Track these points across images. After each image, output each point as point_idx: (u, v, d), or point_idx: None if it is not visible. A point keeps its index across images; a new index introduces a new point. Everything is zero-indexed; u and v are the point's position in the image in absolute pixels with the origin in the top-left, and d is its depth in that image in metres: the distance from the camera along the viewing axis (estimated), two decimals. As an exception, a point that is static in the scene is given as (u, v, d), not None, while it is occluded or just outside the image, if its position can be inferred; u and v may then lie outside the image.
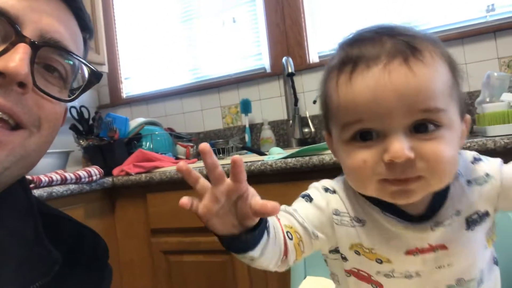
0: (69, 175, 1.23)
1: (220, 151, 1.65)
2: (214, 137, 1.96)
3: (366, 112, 0.43)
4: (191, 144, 1.81)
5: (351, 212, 0.51)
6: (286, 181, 1.17)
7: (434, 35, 0.48)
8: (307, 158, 1.13)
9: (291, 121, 1.74)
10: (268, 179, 1.19)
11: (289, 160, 1.15)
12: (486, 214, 0.49)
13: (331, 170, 1.11)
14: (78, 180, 1.25)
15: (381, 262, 0.49)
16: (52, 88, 0.44)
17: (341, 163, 0.49)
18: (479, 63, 1.53)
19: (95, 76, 0.49)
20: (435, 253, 0.48)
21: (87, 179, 1.28)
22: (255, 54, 1.94)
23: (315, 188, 0.55)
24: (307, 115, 1.74)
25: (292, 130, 1.72)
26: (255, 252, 0.44)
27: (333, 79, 0.46)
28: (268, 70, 1.88)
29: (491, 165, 0.50)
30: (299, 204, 0.53)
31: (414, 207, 0.49)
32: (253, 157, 1.40)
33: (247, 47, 1.95)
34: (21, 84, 0.39)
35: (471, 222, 0.48)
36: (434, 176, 0.42)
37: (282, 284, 1.18)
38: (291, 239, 0.49)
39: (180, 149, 1.77)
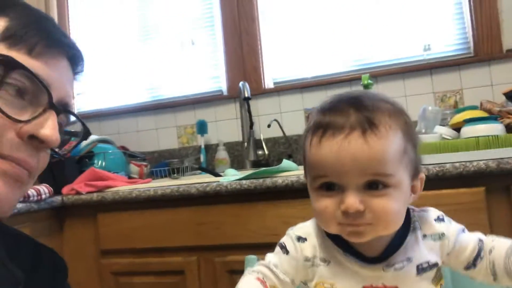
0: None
1: (174, 171, 1.66)
2: (168, 157, 1.96)
3: (330, 170, 0.53)
4: (145, 164, 1.80)
5: (319, 254, 0.59)
6: (241, 202, 1.21)
7: (399, 104, 0.58)
8: (261, 180, 1.18)
9: (246, 143, 1.79)
10: (223, 200, 1.22)
11: (243, 181, 1.19)
12: (435, 264, 0.58)
13: (284, 193, 1.16)
14: (26, 198, 1.20)
15: None
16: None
17: (312, 206, 0.58)
18: (417, 96, 1.69)
19: (86, 134, 0.56)
20: None
21: (36, 198, 1.24)
22: (212, 76, 2.00)
23: (290, 239, 0.62)
24: (262, 138, 1.81)
25: (247, 152, 1.77)
26: None
27: (308, 139, 0.57)
28: (225, 93, 1.94)
29: (451, 228, 0.59)
30: (278, 258, 0.60)
31: (371, 250, 0.57)
32: (208, 178, 1.42)
33: (205, 69, 2.00)
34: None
35: (421, 269, 0.56)
36: (380, 224, 0.53)
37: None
38: None
39: (134, 168, 1.75)
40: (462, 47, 1.70)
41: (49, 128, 0.43)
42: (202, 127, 1.88)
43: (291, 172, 1.26)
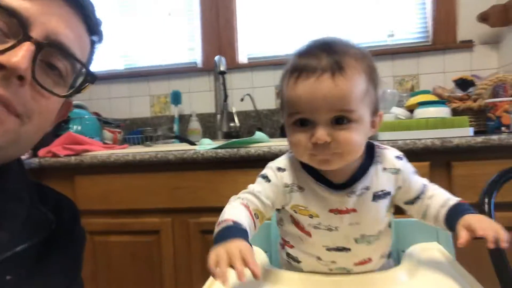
0: None
1: (147, 139, 1.71)
2: (141, 125, 2.00)
3: (304, 107, 0.62)
4: (119, 130, 1.84)
5: (295, 181, 0.71)
6: (215, 169, 1.31)
7: (365, 50, 0.67)
8: (235, 149, 1.28)
9: (219, 115, 1.87)
10: (199, 167, 1.31)
11: (219, 150, 1.29)
12: (389, 193, 0.70)
13: (255, 161, 1.27)
14: (4, 158, 1.24)
15: (311, 217, 0.69)
16: (49, 83, 0.49)
17: (288, 139, 0.68)
18: (379, 79, 1.83)
19: (91, 78, 0.55)
20: (349, 214, 0.68)
21: (13, 158, 1.27)
22: (188, 48, 2.03)
23: (271, 169, 0.73)
24: (234, 111, 1.90)
25: (220, 123, 1.86)
26: None
27: (285, 80, 0.66)
28: (200, 65, 1.99)
29: (406, 167, 0.71)
30: (261, 185, 0.71)
31: (338, 178, 0.69)
32: (183, 146, 1.50)
33: (180, 41, 2.04)
34: (20, 77, 0.44)
35: (376, 197, 0.69)
36: (343, 153, 0.63)
37: (204, 259, 1.30)
38: (257, 218, 0.68)
39: (107, 134, 1.79)
40: (422, 36, 1.85)
41: (15, 55, 0.43)
42: (176, 97, 1.94)
43: (263, 143, 1.36)
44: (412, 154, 1.17)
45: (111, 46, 2.08)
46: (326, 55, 0.62)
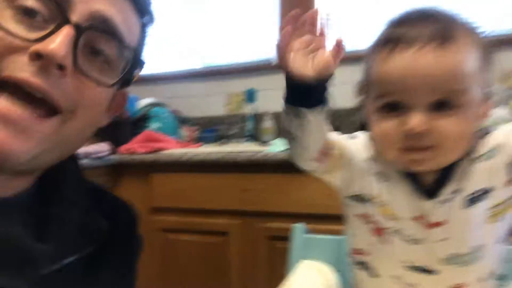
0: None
1: (222, 137, 1.71)
2: (217, 123, 2.01)
3: (397, 87, 0.50)
4: (195, 128, 1.86)
5: (379, 166, 0.58)
6: (287, 173, 1.24)
7: (473, 22, 0.53)
8: (306, 152, 1.19)
9: (293, 114, 1.80)
10: (268, 169, 1.26)
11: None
12: (488, 191, 0.53)
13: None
14: (87, 155, 1.31)
15: (391, 219, 0.56)
16: (95, 72, 0.44)
17: (371, 130, 0.56)
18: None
19: (138, 63, 0.49)
20: (436, 228, 0.54)
21: (95, 155, 1.34)
22: (264, 45, 1.99)
23: (358, 134, 0.62)
24: (309, 110, 1.80)
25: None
26: (311, 115, 0.53)
27: (375, 55, 0.54)
28: (276, 62, 1.93)
29: (500, 134, 0.54)
30: (343, 137, 0.61)
31: (427, 176, 0.55)
32: (255, 146, 1.46)
33: (257, 37, 2.00)
34: (60, 67, 0.39)
35: (470, 201, 0.53)
36: (443, 149, 0.49)
37: (271, 265, 1.26)
38: (332, 149, 0.58)
39: (184, 132, 1.83)
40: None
41: (52, 42, 0.38)
42: (251, 95, 1.90)
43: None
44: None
45: (190, 45, 2.13)
46: (430, 23, 0.49)
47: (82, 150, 1.31)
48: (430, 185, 0.55)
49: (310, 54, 0.48)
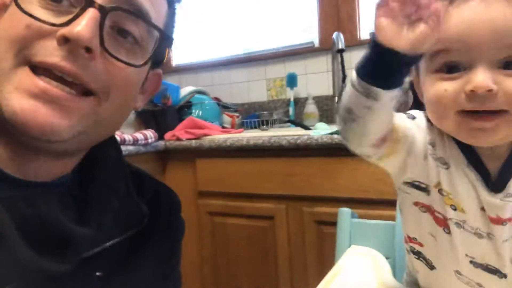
0: (127, 136, 1.33)
1: (264, 123, 1.70)
2: (258, 109, 2.01)
3: (458, 42, 0.44)
4: (237, 115, 1.87)
5: (438, 151, 0.51)
6: (331, 156, 1.22)
7: None
8: (353, 135, 1.16)
9: (336, 97, 1.75)
10: (313, 153, 1.24)
11: (335, 136, 1.18)
12: None
13: (377, 148, 1.14)
14: (135, 142, 1.35)
15: (455, 209, 0.50)
16: (123, 52, 0.43)
17: (425, 96, 0.49)
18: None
19: (167, 42, 0.49)
20: (503, 226, 0.49)
21: (143, 142, 1.38)
22: (304, 28, 1.95)
23: (417, 114, 0.54)
24: (353, 93, 1.75)
25: (338, 106, 1.74)
26: (386, 97, 0.43)
27: None
28: (317, 45, 1.89)
29: None
30: (403, 117, 0.53)
31: (494, 163, 0.49)
32: (298, 131, 1.44)
33: (296, 20, 1.96)
34: (88, 49, 0.39)
35: None
36: None
37: (319, 250, 1.24)
38: (392, 133, 0.50)
39: (226, 118, 1.84)
40: None
41: (78, 25, 0.38)
42: (291, 80, 1.88)
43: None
44: None
45: (230, 32, 2.12)
46: None
47: (130, 137, 1.35)
48: (495, 176, 0.49)
49: (408, 25, 0.40)
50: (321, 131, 1.28)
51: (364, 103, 0.44)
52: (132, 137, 1.35)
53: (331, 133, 1.21)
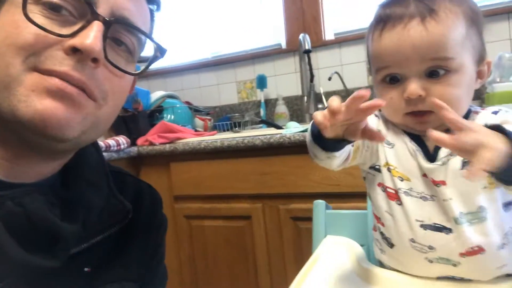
0: (99, 143, 1.31)
1: (236, 125, 1.72)
2: (229, 111, 2.02)
3: (391, 60, 0.57)
4: (209, 118, 1.88)
5: (385, 134, 0.63)
6: (304, 154, 1.24)
7: None
8: (324, 132, 1.20)
9: (305, 97, 1.80)
10: (286, 151, 1.27)
11: (306, 133, 1.22)
12: None
13: (347, 144, 1.18)
14: (107, 148, 1.34)
15: (402, 180, 0.61)
16: (120, 61, 0.47)
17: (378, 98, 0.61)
18: (492, 44, 1.56)
19: (160, 51, 0.52)
20: (438, 188, 0.57)
21: (115, 148, 1.37)
22: (271, 30, 1.98)
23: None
24: (322, 92, 1.80)
25: (307, 106, 1.79)
26: (338, 153, 0.57)
27: (371, 34, 0.60)
28: (284, 46, 1.93)
29: (499, 118, 0.56)
30: None
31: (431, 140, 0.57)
32: (270, 131, 1.47)
33: (263, 23, 1.99)
34: (94, 60, 0.42)
35: (466, 163, 0.56)
36: None
37: (296, 246, 1.28)
38: (352, 146, 0.61)
39: (199, 122, 1.84)
40: (549, -14, 1.53)
41: (87, 37, 0.41)
42: (261, 82, 1.91)
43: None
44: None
45: (198, 36, 2.13)
46: (412, 1, 0.55)
47: (102, 143, 1.33)
48: (432, 150, 0.59)
49: (342, 126, 0.50)
50: (292, 129, 1.32)
51: (324, 154, 0.56)
52: (104, 143, 1.33)
53: (303, 131, 1.24)
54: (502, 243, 0.57)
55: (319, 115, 0.49)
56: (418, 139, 0.61)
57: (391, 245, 0.63)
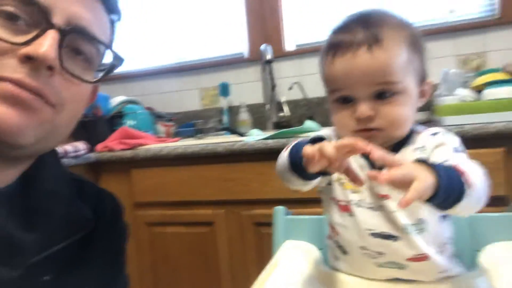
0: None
1: (199, 131, 1.73)
2: (193, 118, 2.02)
3: (343, 84, 0.62)
4: (171, 124, 1.87)
5: None
6: (265, 161, 1.28)
7: (405, 18, 0.64)
8: (285, 139, 1.24)
9: (268, 105, 1.84)
10: (249, 158, 1.29)
11: (268, 141, 1.25)
12: None
13: (307, 151, 1.23)
14: (65, 154, 1.30)
15: (353, 192, 0.65)
16: (78, 70, 0.48)
17: (332, 118, 0.67)
18: (440, 59, 1.68)
19: (118, 60, 0.53)
20: (384, 200, 0.63)
21: (73, 154, 1.33)
22: (234, 39, 2.01)
23: (316, 135, 0.70)
24: (283, 100, 1.85)
25: (269, 114, 1.83)
26: (315, 181, 0.62)
27: (324, 58, 0.65)
28: (247, 55, 1.97)
29: (435, 141, 0.63)
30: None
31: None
32: (233, 138, 1.49)
33: (227, 32, 2.02)
34: (50, 67, 0.43)
35: None
36: (389, 128, 0.61)
37: (259, 251, 1.30)
38: None
39: (161, 128, 1.83)
40: (487, 9, 1.68)
41: (41, 45, 0.41)
42: (225, 89, 1.93)
43: (314, 132, 1.31)
44: (483, 139, 1.07)
45: (161, 42, 2.12)
46: (361, 29, 0.60)
47: (60, 149, 1.29)
48: (378, 164, 0.64)
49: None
50: (255, 137, 1.34)
51: (301, 182, 0.61)
52: (62, 149, 1.29)
53: (265, 139, 1.28)
54: (440, 251, 0.64)
55: (310, 152, 0.52)
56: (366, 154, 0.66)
57: (345, 252, 0.68)
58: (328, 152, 0.51)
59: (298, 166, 0.58)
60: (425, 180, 0.46)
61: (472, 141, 1.06)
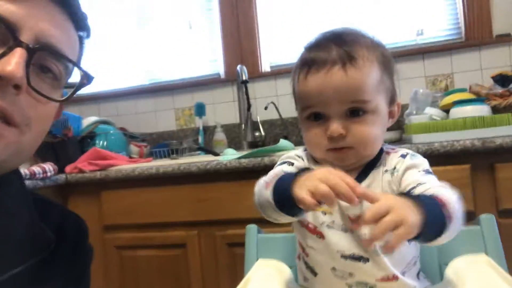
0: (23, 170, 1.23)
1: (174, 151, 1.70)
2: (167, 138, 2.00)
3: (315, 101, 0.61)
4: (145, 144, 1.84)
5: None
6: (239, 180, 1.27)
7: (377, 38, 0.65)
8: (259, 159, 1.23)
9: (243, 125, 1.84)
10: (223, 178, 1.28)
11: (242, 160, 1.25)
12: None
13: (281, 170, 1.22)
14: (32, 176, 1.25)
15: (325, 214, 0.64)
16: (45, 88, 0.47)
17: (304, 136, 0.66)
18: (410, 80, 1.74)
19: (87, 78, 0.52)
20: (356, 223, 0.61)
21: (41, 176, 1.28)
22: (210, 60, 2.03)
23: (291, 157, 0.70)
24: (258, 120, 1.86)
25: (245, 133, 1.82)
26: (298, 216, 0.59)
27: (296, 75, 0.65)
28: (223, 76, 1.98)
29: (405, 163, 0.63)
30: (285, 168, 0.67)
31: (351, 174, 0.60)
32: (208, 157, 1.47)
33: (202, 52, 2.03)
34: (16, 86, 0.42)
35: None
36: (360, 147, 0.61)
37: (232, 272, 1.27)
38: None
39: (134, 148, 1.79)
40: (454, 32, 1.75)
41: (8, 64, 0.41)
42: (200, 109, 1.92)
43: (288, 151, 1.31)
44: (450, 156, 1.09)
45: (135, 62, 2.11)
46: (335, 47, 0.60)
47: (27, 171, 1.24)
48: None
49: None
50: (229, 156, 1.33)
51: (286, 218, 0.59)
52: (28, 171, 1.25)
53: (239, 158, 1.27)
54: (409, 270, 0.64)
55: (307, 199, 0.50)
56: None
57: (315, 274, 0.67)
58: (330, 201, 0.49)
59: (285, 204, 0.56)
60: (411, 224, 0.45)
61: (441, 158, 1.09)
